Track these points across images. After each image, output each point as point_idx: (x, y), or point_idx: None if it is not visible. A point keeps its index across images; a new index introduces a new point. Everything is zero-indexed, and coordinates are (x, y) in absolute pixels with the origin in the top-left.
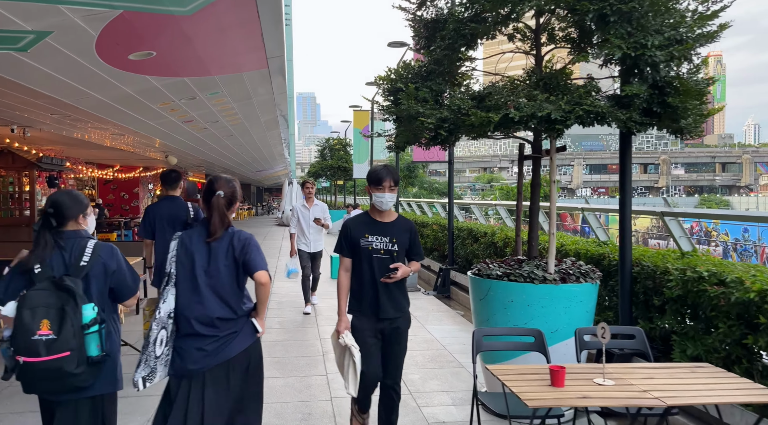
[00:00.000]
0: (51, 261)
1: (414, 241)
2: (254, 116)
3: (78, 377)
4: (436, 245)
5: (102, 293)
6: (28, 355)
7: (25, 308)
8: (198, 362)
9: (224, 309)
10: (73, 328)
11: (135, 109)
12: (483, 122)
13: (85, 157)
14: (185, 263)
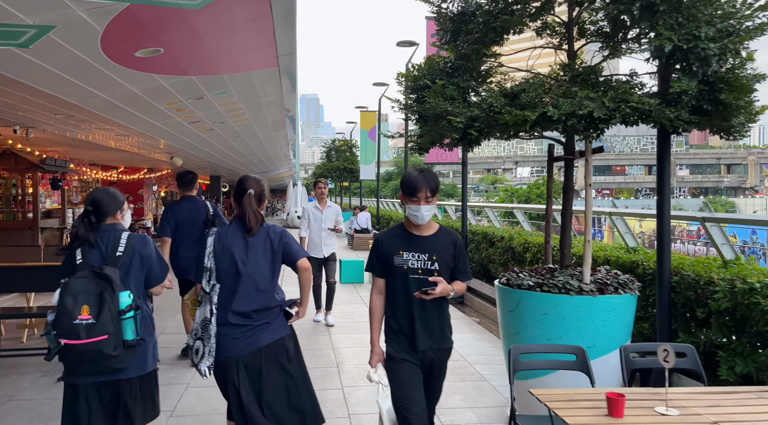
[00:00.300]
0: (90, 252)
1: (459, 257)
2: (261, 116)
3: (115, 359)
4: None
5: (138, 280)
6: (69, 338)
7: (68, 294)
8: (230, 350)
9: (261, 300)
10: (110, 313)
11: (141, 109)
12: (518, 121)
13: (89, 158)
14: (224, 257)
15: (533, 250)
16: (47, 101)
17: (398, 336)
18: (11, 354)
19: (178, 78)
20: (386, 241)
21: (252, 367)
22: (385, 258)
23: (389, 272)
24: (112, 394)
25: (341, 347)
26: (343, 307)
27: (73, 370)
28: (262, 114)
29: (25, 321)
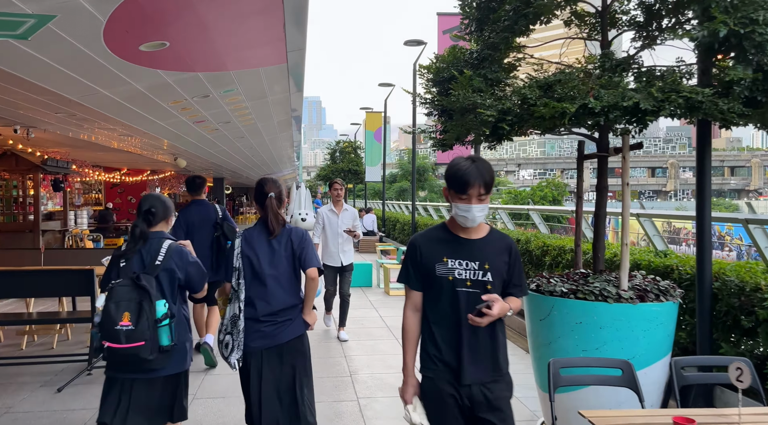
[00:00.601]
0: (133, 258)
1: (515, 267)
2: (268, 116)
3: (151, 362)
4: None
5: (173, 288)
6: (111, 341)
7: (112, 301)
8: (256, 341)
9: (285, 297)
10: (148, 321)
11: (145, 107)
12: (555, 114)
13: (91, 160)
14: (250, 257)
15: (552, 253)
16: (48, 99)
17: (438, 364)
18: (10, 362)
19: (183, 74)
20: (426, 245)
21: (274, 360)
22: (425, 267)
23: (429, 285)
24: (146, 390)
25: (353, 354)
26: (352, 312)
27: (114, 367)
28: (268, 114)
29: (24, 327)
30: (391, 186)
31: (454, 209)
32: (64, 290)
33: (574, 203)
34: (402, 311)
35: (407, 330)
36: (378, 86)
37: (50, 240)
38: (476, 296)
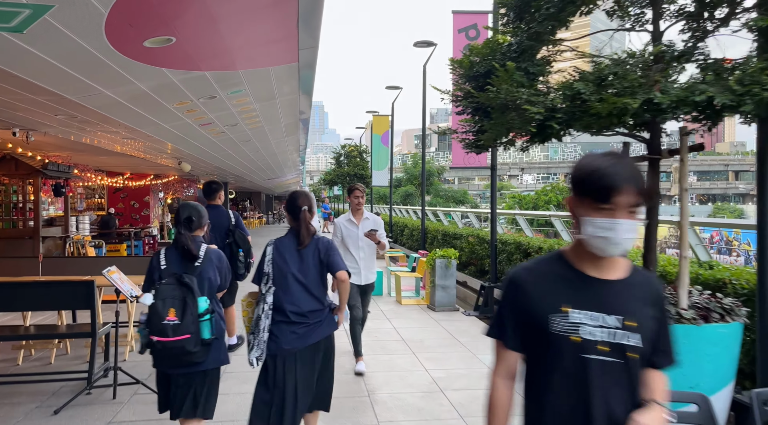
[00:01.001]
0: (174, 260)
1: (664, 324)
2: (275, 118)
3: (195, 354)
4: (473, 259)
5: (211, 287)
6: (159, 335)
7: (158, 298)
8: (291, 343)
9: (312, 302)
10: (192, 316)
11: (149, 109)
12: (614, 111)
13: (93, 164)
14: (280, 265)
15: None
16: (47, 99)
17: None
18: (4, 380)
19: (190, 74)
20: (534, 285)
21: (307, 358)
22: (532, 318)
23: (538, 345)
24: (187, 383)
25: (370, 371)
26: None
27: (160, 361)
28: (276, 116)
29: (21, 341)
30: (396, 191)
31: (587, 228)
32: (62, 303)
33: None
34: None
35: (496, 406)
36: (384, 90)
37: (51, 247)
38: (614, 369)
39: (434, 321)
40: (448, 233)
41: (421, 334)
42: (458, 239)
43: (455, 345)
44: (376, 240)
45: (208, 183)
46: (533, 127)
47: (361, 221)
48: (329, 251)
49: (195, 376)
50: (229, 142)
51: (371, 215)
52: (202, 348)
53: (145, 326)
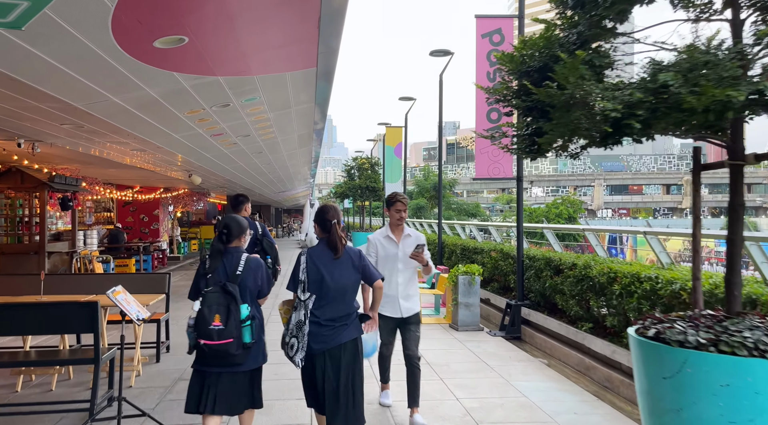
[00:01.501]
0: (218, 269)
1: None
2: (289, 129)
3: (237, 357)
4: (496, 275)
5: (252, 294)
6: (205, 339)
7: (205, 305)
8: (319, 344)
9: (344, 307)
10: (235, 322)
11: (159, 117)
12: (713, 106)
13: (102, 177)
14: (314, 273)
15: (623, 281)
16: (51, 107)
17: None
18: (1, 410)
19: (202, 79)
20: None
21: (335, 357)
22: None
23: None
24: (229, 382)
25: (395, 400)
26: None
27: (204, 362)
28: (290, 127)
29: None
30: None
31: None
32: (62, 326)
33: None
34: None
35: None
36: (392, 104)
37: (57, 263)
38: None
39: (458, 341)
40: (468, 248)
41: (447, 357)
42: (479, 254)
43: (485, 370)
44: (423, 261)
45: (235, 196)
46: (607, 126)
47: (402, 239)
48: (364, 261)
49: (238, 375)
50: (241, 153)
51: (412, 231)
52: (243, 351)
53: (193, 329)
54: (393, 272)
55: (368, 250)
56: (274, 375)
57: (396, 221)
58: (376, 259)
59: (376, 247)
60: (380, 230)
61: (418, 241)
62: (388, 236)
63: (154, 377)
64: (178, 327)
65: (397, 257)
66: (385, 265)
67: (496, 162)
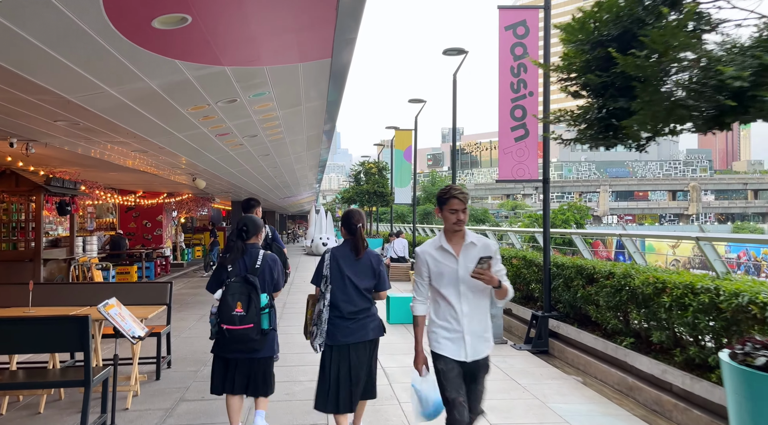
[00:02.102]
0: (238, 263)
1: None
2: (298, 129)
3: (256, 342)
4: (518, 283)
5: (269, 286)
6: (228, 324)
7: (228, 294)
8: (346, 337)
9: (362, 301)
10: (255, 309)
11: (160, 114)
12: None
13: (103, 181)
14: (336, 270)
15: (674, 293)
16: (42, 100)
17: None
18: None
19: (207, 69)
20: None
21: (361, 350)
22: None
23: None
24: (247, 368)
25: None
26: (402, 359)
27: (225, 348)
28: (299, 127)
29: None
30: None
31: None
32: (48, 344)
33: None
34: None
35: None
36: (397, 109)
37: (54, 270)
38: None
39: None
40: None
41: None
42: None
43: (516, 390)
44: (493, 282)
45: (247, 200)
46: (728, 100)
47: (464, 250)
48: (381, 267)
49: (253, 362)
50: (247, 156)
51: (477, 236)
52: (261, 337)
53: (217, 316)
54: (454, 297)
55: (417, 267)
56: (286, 395)
57: (452, 226)
58: (428, 277)
59: (427, 264)
60: (431, 241)
61: (486, 251)
62: (442, 248)
63: (153, 397)
64: (180, 339)
65: (458, 277)
66: (441, 287)
67: (521, 163)
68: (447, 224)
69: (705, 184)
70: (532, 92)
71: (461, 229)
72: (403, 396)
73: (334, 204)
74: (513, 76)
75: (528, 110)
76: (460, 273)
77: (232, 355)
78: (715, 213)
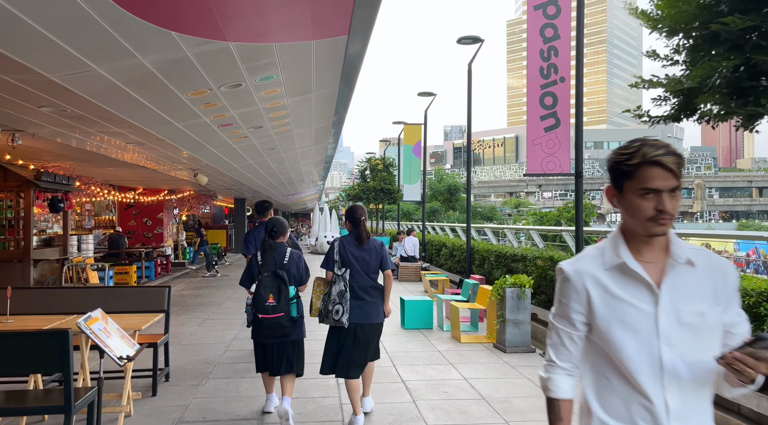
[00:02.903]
0: (269, 259)
1: None
2: (306, 121)
3: (286, 328)
4: (543, 286)
5: (295, 280)
6: (263, 313)
7: (261, 287)
8: (357, 318)
9: (368, 281)
10: (285, 299)
11: (157, 99)
12: None
13: (100, 176)
14: (344, 255)
15: (745, 302)
16: (20, 80)
17: None
18: None
19: (209, 44)
20: None
21: (366, 330)
22: None
23: None
24: (280, 350)
25: None
26: (423, 370)
27: (260, 334)
28: (308, 117)
29: None
30: (419, 208)
31: None
32: (21, 364)
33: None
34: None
35: None
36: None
37: (45, 271)
38: None
39: (510, 367)
40: (505, 255)
41: (503, 389)
42: (519, 262)
43: None
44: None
45: (261, 202)
46: None
47: (670, 274)
48: (383, 252)
49: (286, 345)
50: (252, 150)
51: (696, 251)
52: (291, 323)
53: (252, 307)
54: (648, 376)
55: (561, 307)
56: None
57: (648, 226)
58: (586, 325)
59: (588, 298)
60: (591, 252)
61: (724, 281)
62: (624, 269)
63: (148, 418)
64: (180, 348)
65: (657, 333)
66: (619, 350)
67: (552, 156)
68: (634, 218)
69: (709, 182)
70: (564, 78)
71: (665, 232)
72: (429, 417)
73: (338, 202)
74: (543, 61)
75: (559, 98)
76: (664, 327)
77: (268, 340)
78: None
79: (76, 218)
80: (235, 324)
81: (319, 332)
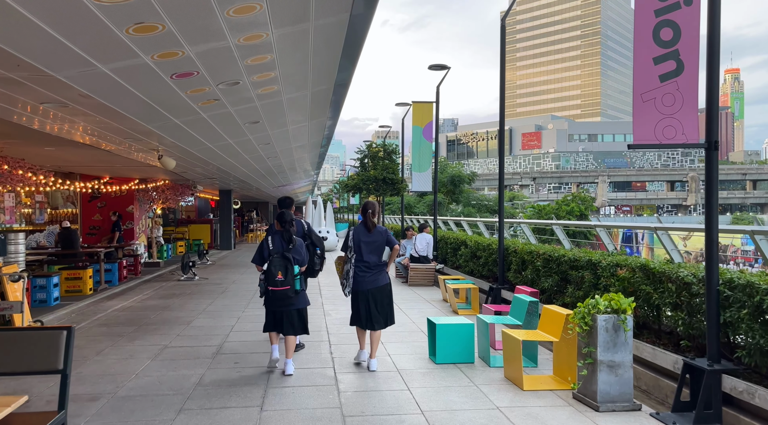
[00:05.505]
0: (277, 242)
1: None
2: (301, 75)
3: (292, 298)
4: (637, 309)
5: (298, 261)
6: (273, 286)
7: (272, 265)
8: (367, 285)
9: (376, 259)
10: (291, 276)
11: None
12: None
13: (38, 160)
14: (356, 240)
15: None
16: None
17: None
18: None
19: None
20: None
21: (376, 294)
22: None
23: None
24: (287, 315)
25: None
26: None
27: (271, 304)
28: (303, 73)
29: None
30: (422, 200)
31: None
32: None
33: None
34: None
35: None
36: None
37: None
38: None
39: None
40: (556, 259)
41: None
42: (579, 270)
43: None
44: None
45: (283, 199)
46: None
47: None
48: (387, 235)
49: (292, 312)
50: (229, 122)
51: None
52: (295, 295)
53: (264, 281)
54: None
55: None
56: None
57: None
58: None
59: None
60: None
61: None
62: None
63: None
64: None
65: None
66: None
67: (671, 117)
68: None
69: (703, 174)
70: (691, 0)
71: None
72: None
73: (331, 195)
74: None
75: (683, 29)
76: None
77: (278, 309)
78: None
79: (22, 211)
80: (205, 352)
81: None
